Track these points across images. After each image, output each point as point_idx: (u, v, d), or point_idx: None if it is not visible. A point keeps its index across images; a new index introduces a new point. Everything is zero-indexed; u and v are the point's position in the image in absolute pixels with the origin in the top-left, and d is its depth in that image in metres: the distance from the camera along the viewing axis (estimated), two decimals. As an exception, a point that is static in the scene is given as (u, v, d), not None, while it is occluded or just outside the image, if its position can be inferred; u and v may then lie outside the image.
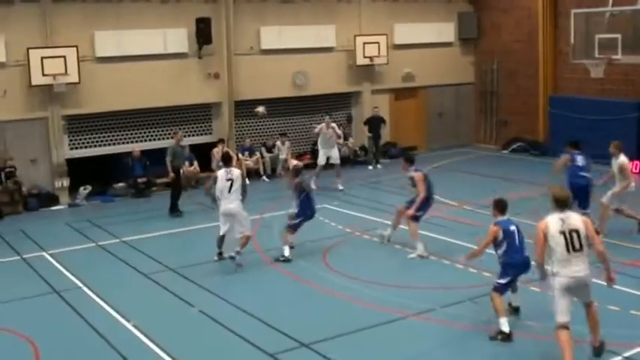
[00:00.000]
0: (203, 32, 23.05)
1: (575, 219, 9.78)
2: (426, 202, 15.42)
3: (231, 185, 14.72)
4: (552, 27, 26.55)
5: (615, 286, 11.20)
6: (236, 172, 15.04)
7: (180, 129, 22.81)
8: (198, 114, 24.27)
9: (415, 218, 15.33)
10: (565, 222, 9.68)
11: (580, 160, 16.05)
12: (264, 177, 24.23)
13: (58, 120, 21.55)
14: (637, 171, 23.21)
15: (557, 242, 9.62)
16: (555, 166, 17.01)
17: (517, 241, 11.44)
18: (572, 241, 9.62)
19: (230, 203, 14.72)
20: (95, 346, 11.22)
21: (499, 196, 12.16)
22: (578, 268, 9.65)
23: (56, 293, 13.62)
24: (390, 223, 16.47)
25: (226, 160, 15.53)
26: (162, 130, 23.58)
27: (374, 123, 26.11)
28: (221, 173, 15.01)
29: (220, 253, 15.19)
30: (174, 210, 19.85)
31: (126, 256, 15.89)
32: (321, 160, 22.46)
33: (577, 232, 9.64)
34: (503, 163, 25.99)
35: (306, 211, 15.67)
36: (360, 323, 11.72)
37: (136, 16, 22.37)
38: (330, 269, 14.55)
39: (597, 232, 13.46)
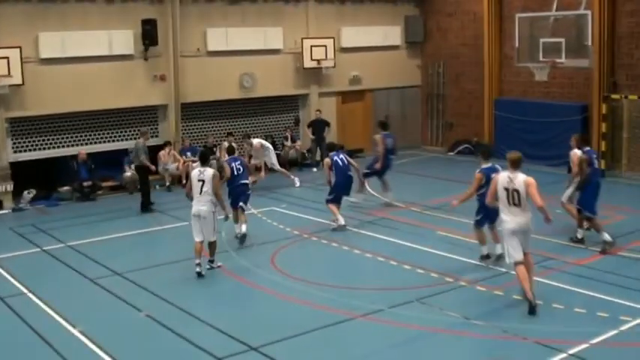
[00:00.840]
0: (149, 34, 22.85)
1: (519, 180, 11.82)
2: None
3: (202, 186, 14.22)
4: (497, 31, 26.89)
5: (560, 285, 11.47)
6: (209, 173, 14.29)
7: (125, 132, 22.89)
8: (145, 116, 24.04)
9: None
10: (511, 181, 11.86)
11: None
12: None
13: (1, 122, 21.17)
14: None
15: (501, 196, 12.00)
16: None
17: None
18: (513, 197, 11.86)
19: (201, 205, 14.27)
20: (41, 352, 11.02)
21: (484, 146, 12.98)
22: (518, 218, 11.88)
23: (0, 300, 13.36)
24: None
25: (203, 160, 14.73)
26: (108, 133, 23.34)
27: (317, 126, 26.19)
28: (194, 173, 14.49)
29: (211, 261, 14.70)
30: (147, 207, 20.30)
31: (72, 261, 15.66)
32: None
33: (517, 191, 11.79)
34: (450, 165, 26.23)
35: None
36: (309, 325, 11.72)
37: (81, 17, 22.09)
38: (278, 271, 14.54)
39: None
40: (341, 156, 17.95)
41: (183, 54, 23.96)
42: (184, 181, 23.08)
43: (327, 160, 17.93)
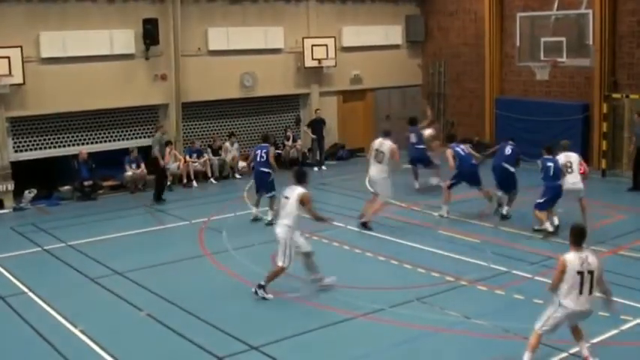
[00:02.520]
0: (150, 33, 22.82)
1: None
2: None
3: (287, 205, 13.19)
4: (498, 30, 26.88)
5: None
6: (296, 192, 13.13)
7: (126, 131, 22.99)
8: (145, 116, 24.03)
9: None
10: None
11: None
12: (212, 179, 24.04)
13: (2, 122, 21.14)
14: (583, 172, 23.61)
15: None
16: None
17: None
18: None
19: (278, 227, 13.26)
20: (41, 352, 11.04)
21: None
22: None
23: (1, 299, 13.37)
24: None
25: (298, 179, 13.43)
26: (109, 133, 23.34)
27: (316, 125, 26.22)
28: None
29: (260, 286, 13.25)
30: (160, 198, 21.13)
31: (72, 261, 15.66)
32: None
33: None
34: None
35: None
36: (310, 324, 11.73)
37: (81, 17, 22.06)
38: (279, 271, 14.53)
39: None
40: (461, 146, 18.83)
41: (184, 53, 23.94)
42: (185, 181, 23.18)
43: (449, 151, 18.75)
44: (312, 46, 26.29)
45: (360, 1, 28.15)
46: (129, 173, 22.61)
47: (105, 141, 23.24)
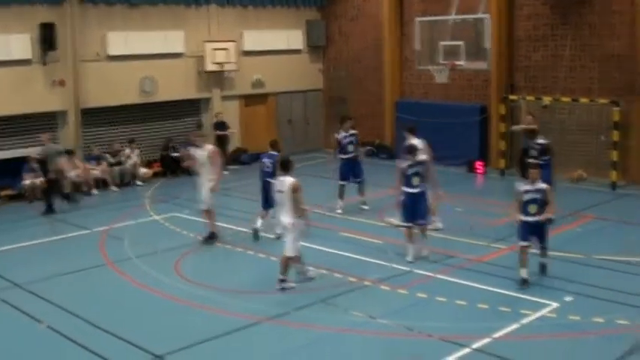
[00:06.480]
0: (47, 38, 22.35)
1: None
2: None
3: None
4: (398, 34, 27.29)
5: (462, 281, 11.63)
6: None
7: (23, 139, 22.45)
8: (44, 123, 23.38)
9: None
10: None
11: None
12: (113, 187, 23.58)
13: None
14: (481, 172, 24.18)
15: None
16: None
17: None
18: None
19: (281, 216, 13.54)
20: None
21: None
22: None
23: None
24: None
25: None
26: (5, 141, 22.65)
27: (220, 129, 26.13)
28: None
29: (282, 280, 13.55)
30: (50, 210, 20.25)
31: (-33, 273, 15.15)
32: None
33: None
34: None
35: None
36: (214, 331, 11.63)
37: (-25, 21, 21.47)
38: (182, 278, 14.37)
39: None
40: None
41: (83, 58, 23.48)
42: (85, 189, 22.69)
43: None
44: (213, 49, 26.15)
45: (262, 5, 28.14)
46: (27, 182, 21.98)
47: (1, 149, 22.55)
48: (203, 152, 16.41)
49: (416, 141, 16.56)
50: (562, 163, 21.69)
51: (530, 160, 16.71)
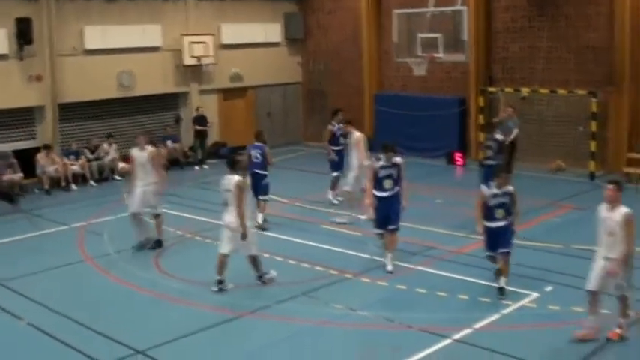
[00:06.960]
0: (24, 33, 22.15)
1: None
2: None
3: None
4: (376, 27, 27.30)
5: (442, 273, 11.66)
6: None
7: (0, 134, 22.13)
8: (21, 118, 23.23)
9: None
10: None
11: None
12: (92, 182, 23.45)
13: None
14: (460, 164, 24.25)
15: None
16: None
17: None
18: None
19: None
20: None
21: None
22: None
23: None
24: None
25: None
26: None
27: (200, 123, 26.05)
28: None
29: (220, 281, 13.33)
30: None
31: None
32: None
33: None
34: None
35: None
36: (196, 325, 11.61)
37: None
38: (162, 273, 14.35)
39: None
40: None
41: (60, 53, 23.29)
42: (64, 184, 22.55)
43: None
44: (191, 43, 26.03)
45: (239, -2, 28.10)
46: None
47: (-25, 145, 22.38)
48: (143, 154, 15.92)
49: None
50: (541, 154, 21.85)
51: (488, 162, 16.68)
